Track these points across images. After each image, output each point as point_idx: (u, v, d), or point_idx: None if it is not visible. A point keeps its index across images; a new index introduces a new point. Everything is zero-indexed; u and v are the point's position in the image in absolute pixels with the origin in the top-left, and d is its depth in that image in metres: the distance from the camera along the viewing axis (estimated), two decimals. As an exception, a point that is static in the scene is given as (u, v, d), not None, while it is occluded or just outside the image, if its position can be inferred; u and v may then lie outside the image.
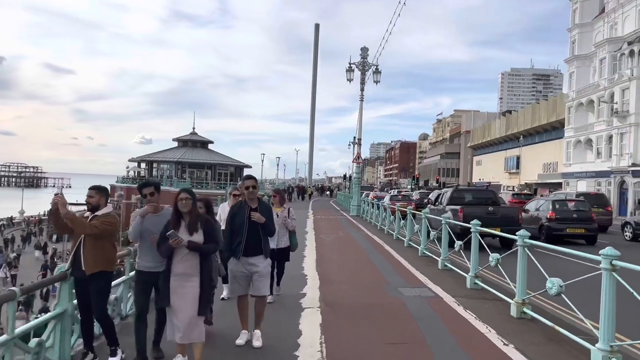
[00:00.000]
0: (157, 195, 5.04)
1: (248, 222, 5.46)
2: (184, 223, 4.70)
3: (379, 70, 29.49)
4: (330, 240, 16.25)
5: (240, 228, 5.47)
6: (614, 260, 4.75)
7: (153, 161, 74.77)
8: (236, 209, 5.67)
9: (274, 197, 7.95)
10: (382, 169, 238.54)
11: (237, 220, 5.52)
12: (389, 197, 33.87)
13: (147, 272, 4.98)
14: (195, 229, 4.68)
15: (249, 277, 5.55)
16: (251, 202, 5.57)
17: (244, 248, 5.47)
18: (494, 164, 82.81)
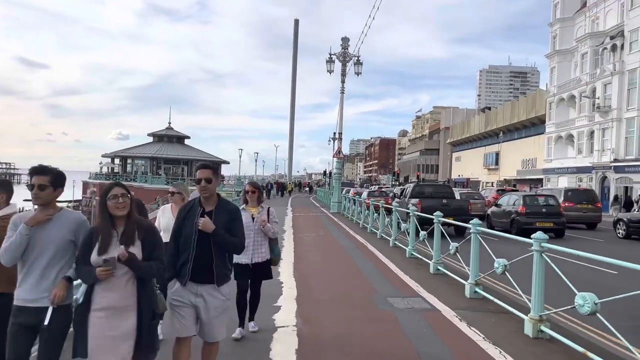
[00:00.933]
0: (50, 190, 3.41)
1: (198, 233, 3.80)
2: (117, 232, 3.34)
3: (360, 61, 28.34)
4: (310, 239, 15.05)
5: (187, 241, 3.82)
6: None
7: (127, 157, 72.60)
8: (184, 213, 3.97)
9: (249, 194, 5.70)
10: (361, 165, 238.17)
11: (185, 229, 3.87)
12: (367, 193, 32.97)
13: (27, 309, 3.35)
14: (132, 241, 3.32)
15: (196, 312, 3.83)
16: (206, 203, 3.94)
17: (191, 270, 3.78)
18: (473, 160, 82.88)
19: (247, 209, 5.64)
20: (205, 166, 4.01)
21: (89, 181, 71.58)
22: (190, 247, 3.82)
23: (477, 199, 27.56)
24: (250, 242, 5.43)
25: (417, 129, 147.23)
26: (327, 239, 15.36)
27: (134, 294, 3.32)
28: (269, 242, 5.76)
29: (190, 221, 3.86)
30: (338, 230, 18.31)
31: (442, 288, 8.22)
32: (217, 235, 3.79)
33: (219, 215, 3.88)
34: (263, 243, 5.68)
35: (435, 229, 9.78)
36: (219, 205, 3.97)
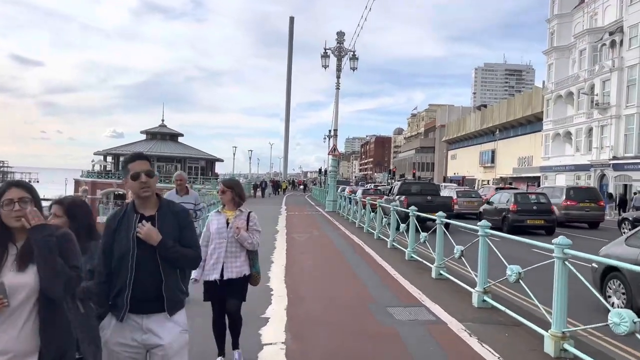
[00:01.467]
0: None
1: (137, 245, 2.80)
2: (16, 248, 2.42)
3: (355, 56, 27.62)
4: (303, 240, 14.34)
5: (122, 260, 2.79)
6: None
7: (120, 154, 71.53)
8: (115, 223, 2.89)
9: (221, 194, 4.77)
10: (357, 163, 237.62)
11: (118, 245, 2.83)
12: (361, 191, 32.31)
13: None
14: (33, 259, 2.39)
15: (146, 356, 2.86)
16: (144, 206, 2.90)
17: (130, 298, 2.77)
18: (468, 158, 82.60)
19: (224, 212, 4.78)
20: (140, 156, 2.97)
21: (81, 179, 70.67)
22: (127, 268, 2.77)
23: (475, 197, 26.92)
24: (221, 253, 4.56)
25: (412, 126, 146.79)
26: (322, 240, 14.65)
27: (35, 334, 2.36)
28: (248, 255, 4.68)
29: (125, 233, 2.83)
30: (333, 230, 17.60)
31: (447, 296, 7.53)
32: (164, 247, 2.79)
33: (164, 221, 2.87)
34: (239, 255, 4.60)
35: (438, 230, 9.09)
36: (162, 208, 2.92)
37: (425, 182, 28.46)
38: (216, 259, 4.57)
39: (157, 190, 2.99)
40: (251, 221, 4.71)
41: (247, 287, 4.77)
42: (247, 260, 4.68)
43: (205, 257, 4.54)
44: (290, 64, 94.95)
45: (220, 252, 4.55)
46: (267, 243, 13.16)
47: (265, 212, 26.94)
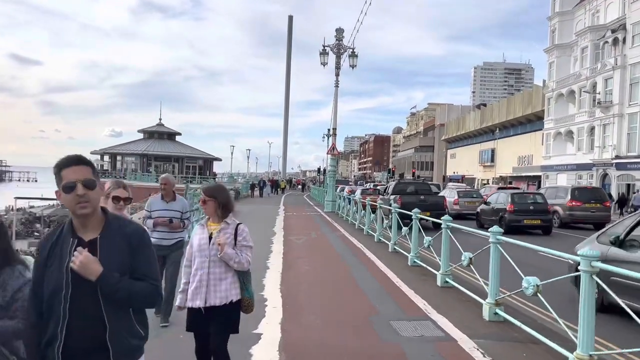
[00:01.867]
0: None
1: (72, 281, 2.16)
2: None
3: (355, 53, 27.06)
4: (301, 243, 13.79)
5: (54, 297, 2.17)
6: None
7: (117, 154, 71.14)
8: (46, 249, 2.25)
9: (203, 205, 3.97)
10: (356, 162, 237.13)
11: (49, 276, 2.19)
12: (360, 191, 31.79)
13: None
14: None
15: None
16: (83, 227, 2.24)
17: (61, 349, 2.13)
18: (468, 157, 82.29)
19: (208, 225, 3.97)
20: (77, 160, 2.25)
21: (78, 179, 70.08)
22: (59, 311, 2.12)
23: (476, 197, 26.36)
24: (204, 275, 3.78)
25: (411, 125, 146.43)
26: (320, 243, 14.10)
27: None
28: (238, 276, 3.87)
29: (57, 263, 2.16)
30: (332, 232, 17.05)
31: (455, 307, 6.98)
32: (107, 283, 2.14)
33: (109, 247, 2.21)
34: (225, 277, 3.80)
35: (444, 235, 8.53)
36: (108, 228, 2.26)
37: (419, 182, 28.97)
38: (199, 282, 3.81)
39: (102, 203, 2.37)
40: (240, 235, 3.90)
41: (239, 315, 3.96)
42: (236, 283, 3.85)
43: (189, 278, 3.94)
44: (289, 63, 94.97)
45: (202, 274, 3.79)
46: (264, 246, 12.63)
47: (263, 212, 26.40)
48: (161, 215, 6.25)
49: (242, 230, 3.94)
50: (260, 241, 13.75)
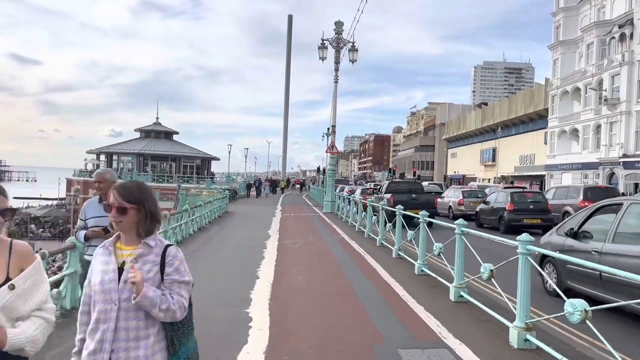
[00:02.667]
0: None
1: None
2: None
3: (355, 47, 25.94)
4: (297, 248, 12.69)
5: None
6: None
7: (113, 153, 70.00)
8: None
9: (116, 214, 2.39)
10: (356, 162, 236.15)
11: None
12: (360, 191, 30.73)
13: None
14: None
15: None
16: None
17: None
18: (469, 157, 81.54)
19: (118, 247, 2.44)
20: None
21: (73, 178, 69.09)
22: None
23: (481, 197, 25.23)
24: (108, 332, 2.24)
25: (411, 125, 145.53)
26: (318, 248, 13.00)
27: None
28: (165, 331, 2.32)
29: None
30: (331, 235, 15.94)
31: (474, 329, 5.87)
32: None
33: None
34: (144, 335, 2.27)
35: (457, 242, 7.38)
36: None
37: (412, 182, 30.00)
38: (99, 343, 2.27)
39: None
40: (169, 265, 2.36)
41: None
42: (161, 343, 2.31)
43: (85, 334, 2.38)
44: (288, 62, 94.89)
45: (106, 330, 2.26)
46: (256, 252, 11.57)
47: (259, 213, 25.32)
48: (97, 224, 4.92)
49: (173, 257, 2.38)
50: (252, 246, 12.68)
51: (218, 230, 16.86)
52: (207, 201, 19.77)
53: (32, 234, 58.72)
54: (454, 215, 24.23)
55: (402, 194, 20.66)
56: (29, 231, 59.72)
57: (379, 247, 12.84)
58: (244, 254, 11.61)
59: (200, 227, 17.13)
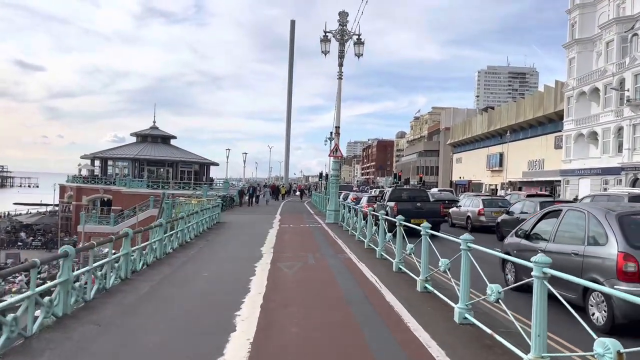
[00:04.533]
0: None
1: None
2: None
3: (361, 40, 23.38)
4: (292, 275, 10.05)
5: None
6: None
7: (108, 158, 67.47)
8: None
9: None
10: (359, 167, 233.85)
11: None
12: (367, 199, 28.17)
13: None
14: None
15: None
16: None
17: None
18: (475, 162, 79.84)
19: None
20: None
21: (67, 184, 66.53)
22: None
23: (503, 206, 22.56)
24: None
25: (415, 130, 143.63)
26: (320, 275, 10.33)
27: None
28: None
29: None
30: (335, 254, 13.24)
31: None
32: None
33: None
34: None
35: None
36: None
37: (416, 188, 28.84)
38: None
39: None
40: None
41: None
42: None
43: None
44: (291, 67, 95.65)
45: None
46: (240, 281, 8.97)
47: (255, 224, 22.74)
48: None
49: None
50: (236, 274, 10.06)
51: (201, 248, 14.26)
52: (193, 212, 17.17)
53: (21, 242, 56.23)
54: (472, 226, 21.64)
55: (406, 202, 19.98)
56: (18, 239, 57.24)
57: (396, 272, 10.18)
58: (222, 289, 8.93)
59: (182, 243, 14.55)
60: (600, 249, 7.31)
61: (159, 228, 12.15)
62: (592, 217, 7.77)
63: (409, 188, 28.64)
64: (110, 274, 8.41)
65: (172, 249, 13.33)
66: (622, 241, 7.05)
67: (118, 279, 8.83)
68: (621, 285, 6.61)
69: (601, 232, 7.45)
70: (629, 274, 6.79)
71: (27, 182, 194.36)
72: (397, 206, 19.08)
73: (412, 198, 20.86)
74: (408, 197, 21.05)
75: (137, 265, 10.03)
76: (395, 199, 20.70)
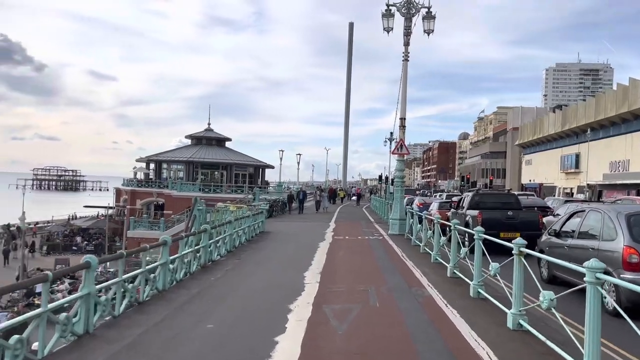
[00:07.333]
0: None
1: None
2: None
3: (432, 13, 19.40)
4: (344, 337, 6.27)
5: None
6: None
7: (162, 161, 66.22)
8: None
9: None
10: (419, 170, 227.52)
11: None
12: (437, 205, 23.96)
13: None
14: None
15: None
16: None
17: None
18: (547, 163, 74.34)
19: None
20: None
21: (122, 188, 65.85)
22: None
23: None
24: None
25: (479, 131, 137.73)
26: (387, 334, 6.45)
27: None
28: None
29: None
30: (408, 289, 9.11)
31: None
32: None
33: None
34: None
35: None
36: None
37: (503, 193, 23.25)
38: None
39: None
40: None
41: None
42: None
43: None
44: (349, 70, 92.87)
45: None
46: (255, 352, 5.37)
47: (304, 234, 19.18)
48: None
49: None
50: (256, 326, 6.44)
51: (226, 272, 10.78)
52: (224, 222, 13.76)
53: (76, 246, 55.52)
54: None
55: (493, 211, 16.09)
56: (74, 244, 56.64)
57: (513, 331, 6.22)
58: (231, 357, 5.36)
59: (204, 263, 11.20)
60: (610, 244, 8.17)
61: (162, 247, 8.76)
62: (607, 216, 8.62)
63: (494, 192, 23.57)
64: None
65: (187, 273, 9.96)
66: (627, 236, 7.94)
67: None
68: (626, 274, 7.47)
69: (612, 229, 8.31)
70: (633, 264, 7.65)
71: (98, 186, 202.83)
72: (482, 215, 15.43)
73: (499, 205, 16.90)
74: (494, 204, 17.08)
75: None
76: (477, 206, 16.85)
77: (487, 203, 17.33)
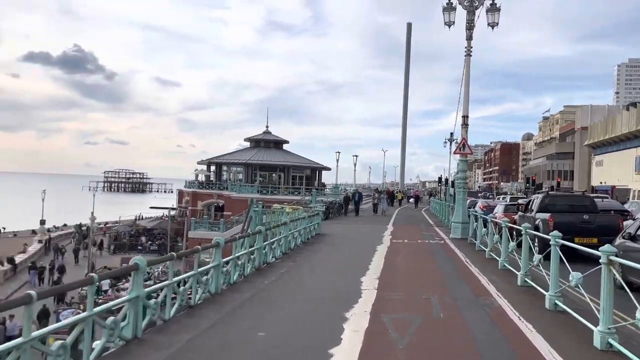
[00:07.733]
0: None
1: None
2: None
3: (496, 6, 18.38)
4: (405, 351, 5.72)
5: None
6: None
7: (222, 163, 67.47)
8: None
9: None
10: (480, 172, 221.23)
11: None
12: (503, 208, 22.65)
13: None
14: None
15: None
16: None
17: None
18: (619, 165, 69.66)
19: None
20: None
21: (184, 190, 67.62)
22: None
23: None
24: None
25: (544, 131, 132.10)
26: (453, 352, 5.89)
27: None
28: None
29: None
30: (475, 298, 8.37)
31: None
32: None
33: None
34: None
35: None
36: None
37: (576, 195, 21.34)
38: None
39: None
40: None
41: None
42: None
43: None
44: (407, 71, 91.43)
45: None
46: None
47: (361, 237, 18.63)
48: None
49: None
50: (310, 335, 5.99)
51: (281, 275, 10.42)
52: (279, 223, 13.45)
53: (141, 246, 57.36)
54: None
55: (566, 214, 14.96)
56: (139, 244, 58.54)
57: (602, 352, 5.45)
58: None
59: (260, 265, 10.89)
60: None
61: (216, 249, 8.47)
62: None
63: (566, 194, 21.84)
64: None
65: (241, 276, 9.66)
66: None
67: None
68: None
69: None
70: None
71: (163, 188, 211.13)
72: (553, 219, 14.17)
73: (573, 208, 15.74)
74: (567, 207, 15.93)
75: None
76: (548, 208, 15.63)
77: (558, 206, 16.15)
